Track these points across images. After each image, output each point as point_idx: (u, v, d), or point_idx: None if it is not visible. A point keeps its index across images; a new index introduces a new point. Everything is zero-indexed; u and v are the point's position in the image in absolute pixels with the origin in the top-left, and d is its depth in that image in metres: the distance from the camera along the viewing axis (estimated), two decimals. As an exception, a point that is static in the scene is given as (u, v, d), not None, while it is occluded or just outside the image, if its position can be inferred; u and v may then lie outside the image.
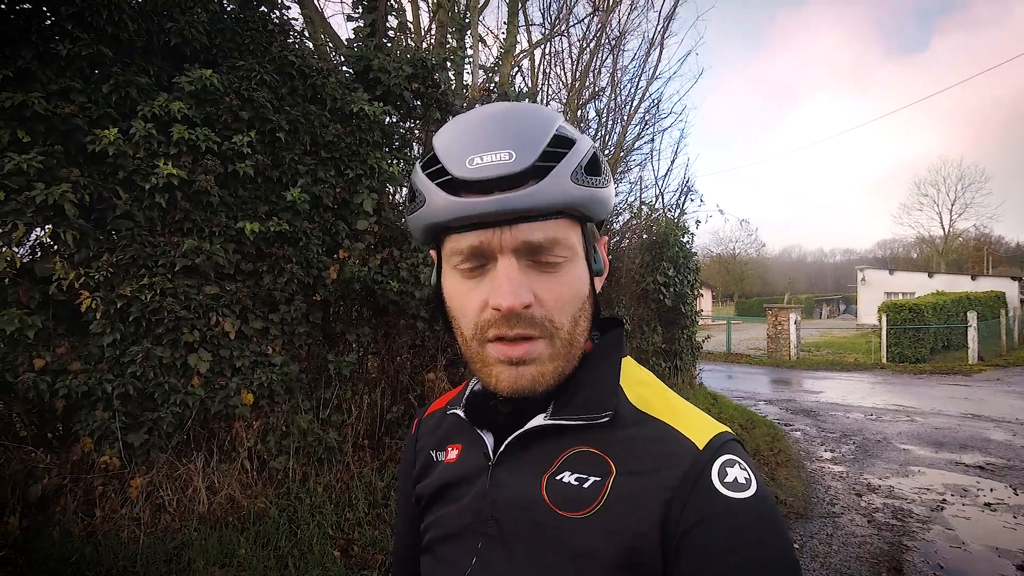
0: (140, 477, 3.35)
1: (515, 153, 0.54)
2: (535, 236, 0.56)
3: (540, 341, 0.58)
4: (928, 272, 28.49)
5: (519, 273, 0.57)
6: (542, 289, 0.58)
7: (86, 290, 3.15)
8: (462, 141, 0.57)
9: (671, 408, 0.62)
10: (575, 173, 0.56)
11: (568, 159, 0.56)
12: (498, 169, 0.54)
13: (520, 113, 0.59)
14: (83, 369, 3.14)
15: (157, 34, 3.46)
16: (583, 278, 0.61)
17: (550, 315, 0.58)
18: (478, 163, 0.54)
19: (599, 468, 0.58)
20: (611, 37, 8.37)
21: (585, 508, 0.56)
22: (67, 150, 3.13)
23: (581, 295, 0.61)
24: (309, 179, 3.88)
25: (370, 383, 4.41)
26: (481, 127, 0.57)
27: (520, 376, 0.58)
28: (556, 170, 0.55)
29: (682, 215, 8.73)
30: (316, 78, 3.95)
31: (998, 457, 6.07)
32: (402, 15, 5.10)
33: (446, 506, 0.68)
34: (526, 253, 0.57)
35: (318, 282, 3.94)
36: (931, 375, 12.61)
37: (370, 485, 4.06)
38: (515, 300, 0.55)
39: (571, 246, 0.59)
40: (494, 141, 0.55)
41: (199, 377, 3.46)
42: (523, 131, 0.56)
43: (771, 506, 0.54)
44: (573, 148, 0.57)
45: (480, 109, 0.61)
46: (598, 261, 0.64)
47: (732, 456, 0.56)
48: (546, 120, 0.58)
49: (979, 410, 8.64)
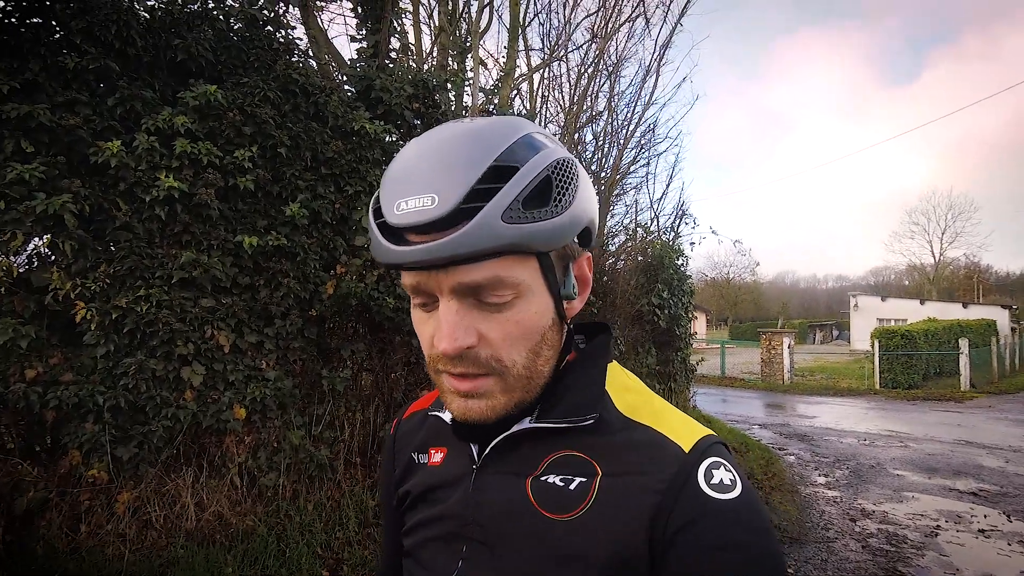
0: (127, 492, 3.30)
1: (437, 197, 0.50)
2: (471, 278, 0.53)
3: (489, 378, 0.57)
4: (920, 299, 28.77)
5: (458, 315, 0.54)
6: (488, 328, 0.55)
7: (82, 300, 3.15)
8: (395, 181, 0.54)
9: (656, 413, 0.61)
10: (508, 211, 0.51)
11: (501, 196, 0.51)
12: (419, 216, 0.50)
13: (457, 144, 0.53)
14: (75, 380, 3.12)
15: (164, 50, 3.52)
16: (540, 310, 0.57)
17: (497, 354, 0.56)
18: (404, 208, 0.51)
19: (584, 470, 0.58)
20: (609, 63, 8.56)
21: (572, 510, 0.56)
22: (69, 161, 3.16)
23: (538, 328, 0.58)
24: (309, 195, 3.91)
25: (363, 400, 4.38)
26: (414, 165, 0.54)
27: (469, 408, 0.58)
28: (484, 211, 0.50)
29: (677, 238, 8.81)
30: (319, 96, 4.01)
31: (991, 484, 6.06)
32: (404, 37, 5.20)
33: (429, 509, 0.68)
34: (467, 293, 0.54)
35: (314, 297, 3.94)
36: (924, 401, 12.63)
37: (361, 503, 4.01)
38: (451, 345, 0.54)
39: (517, 283, 0.55)
40: (420, 183, 0.51)
41: (192, 391, 3.43)
42: (452, 167, 0.51)
43: (757, 507, 0.55)
44: (511, 180, 0.51)
45: (422, 138, 0.57)
46: (567, 285, 0.59)
47: (717, 458, 0.56)
48: (484, 150, 0.52)
49: (972, 437, 8.66)
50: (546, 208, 0.53)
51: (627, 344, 7.48)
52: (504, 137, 0.54)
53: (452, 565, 0.62)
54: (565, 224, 0.54)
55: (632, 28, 8.96)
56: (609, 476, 0.57)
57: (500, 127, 0.56)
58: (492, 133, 0.54)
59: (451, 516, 0.64)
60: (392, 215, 0.52)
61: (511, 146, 0.53)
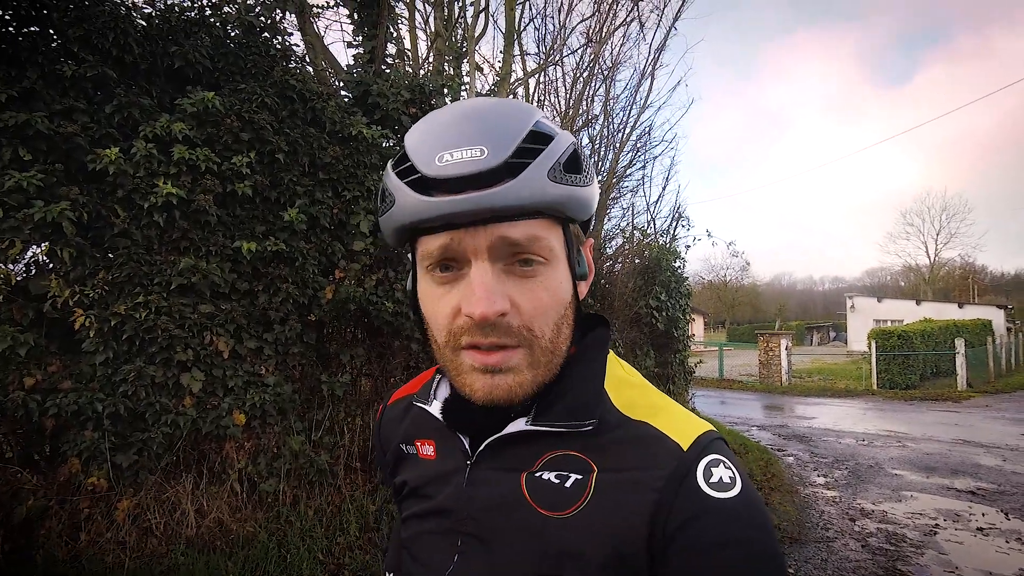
0: (127, 499, 3.29)
1: (487, 149, 0.51)
2: (513, 233, 0.53)
3: (518, 350, 0.55)
4: (916, 300, 28.88)
5: (494, 278, 0.54)
6: (520, 295, 0.55)
7: (80, 308, 3.15)
8: (432, 138, 0.54)
9: (655, 408, 0.61)
10: (552, 170, 0.53)
11: (545, 155, 0.53)
12: (469, 166, 0.51)
13: (494, 108, 0.56)
14: (74, 388, 3.11)
15: (161, 57, 3.53)
16: (565, 283, 0.58)
17: (528, 323, 0.55)
18: (448, 160, 0.51)
19: (580, 467, 0.57)
20: (604, 67, 8.61)
21: (568, 508, 0.56)
22: (67, 168, 3.16)
23: (563, 301, 0.58)
24: (307, 200, 3.92)
25: (363, 404, 4.38)
26: (453, 123, 0.54)
27: (495, 386, 0.56)
28: (532, 167, 0.52)
29: (673, 240, 8.84)
30: (316, 102, 4.02)
31: (989, 482, 6.08)
32: (400, 43, 5.22)
33: (422, 503, 0.67)
34: (502, 255, 0.54)
35: (313, 302, 3.95)
36: (921, 401, 12.67)
37: (362, 509, 4.00)
38: (488, 308, 0.52)
39: (551, 247, 0.56)
40: (465, 137, 0.52)
41: (191, 397, 3.43)
42: (496, 126, 0.53)
43: (756, 504, 0.54)
44: (551, 144, 0.54)
45: (452, 106, 0.58)
46: (582, 264, 0.60)
47: (717, 456, 0.56)
48: (522, 115, 0.55)
49: (969, 436, 8.69)
50: (580, 176, 0.56)
51: (625, 346, 7.49)
52: (531, 112, 0.57)
53: (448, 560, 0.61)
54: (593, 195, 0.58)
55: (627, 32, 9.02)
56: (606, 473, 0.56)
57: (524, 105, 0.59)
58: (521, 107, 0.58)
59: (445, 510, 0.63)
60: (432, 167, 0.52)
61: (539, 120, 0.56)
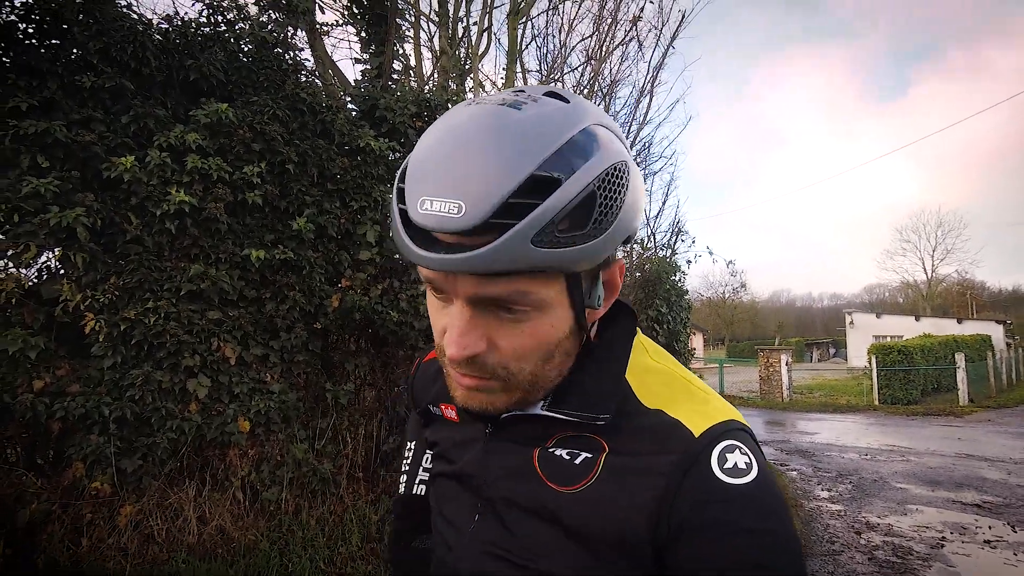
0: (130, 505, 3.29)
1: (464, 206, 0.46)
2: (488, 291, 0.50)
3: (492, 381, 0.56)
4: (915, 316, 28.94)
5: (469, 323, 0.53)
6: (500, 336, 0.54)
7: (91, 312, 3.19)
8: (421, 173, 0.49)
9: (673, 395, 0.60)
10: (542, 233, 0.46)
11: (537, 215, 0.46)
12: (443, 222, 0.46)
13: (496, 142, 0.47)
14: (81, 391, 3.14)
15: (177, 70, 3.62)
16: (557, 325, 0.55)
17: (504, 363, 0.55)
18: (427, 209, 0.47)
19: (591, 446, 0.58)
20: (603, 85, 8.78)
21: (576, 484, 0.57)
22: (83, 176, 3.23)
23: (551, 341, 0.55)
24: (315, 209, 3.98)
25: (367, 413, 4.39)
26: (444, 158, 0.49)
27: (471, 397, 0.58)
28: (514, 232, 0.46)
29: (673, 255, 8.92)
30: (326, 114, 4.11)
31: (994, 495, 6.05)
32: (406, 60, 5.35)
33: (447, 465, 0.71)
34: (482, 302, 0.52)
35: (319, 310, 3.99)
36: (924, 416, 12.62)
37: (364, 518, 3.99)
38: (459, 352, 0.52)
39: (540, 299, 0.52)
40: (445, 185, 0.47)
41: (197, 403, 3.45)
42: (483, 175, 0.46)
43: (772, 491, 0.53)
44: (551, 196, 0.46)
45: (457, 124, 0.51)
46: (594, 296, 0.56)
47: (733, 442, 0.55)
48: (526, 154, 0.47)
49: (973, 450, 8.65)
50: (584, 231, 0.49)
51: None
52: (553, 138, 0.48)
53: (470, 520, 0.64)
54: (603, 245, 0.50)
55: (625, 51, 9.22)
56: (616, 455, 0.57)
57: (551, 123, 0.49)
58: (539, 132, 0.48)
59: (466, 475, 0.66)
60: (416, 212, 0.48)
61: (559, 150, 0.48)
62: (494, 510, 0.62)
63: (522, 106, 0.50)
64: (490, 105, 0.50)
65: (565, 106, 0.52)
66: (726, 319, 46.23)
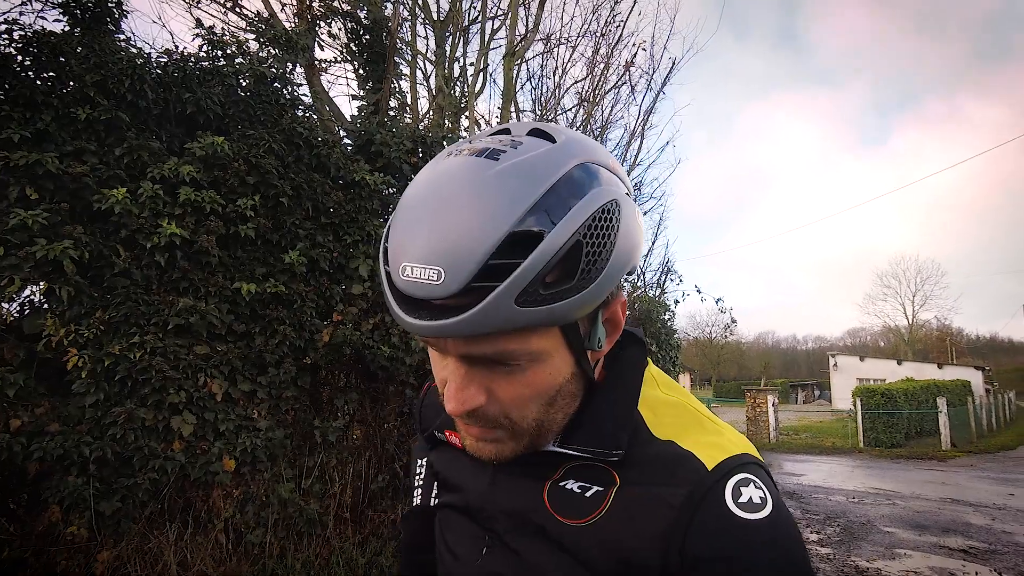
0: (107, 551, 3.14)
1: (443, 272, 0.44)
2: (479, 350, 0.50)
3: (497, 430, 0.55)
4: (897, 360, 29.28)
5: (465, 376, 0.52)
6: (498, 387, 0.53)
7: (75, 347, 3.09)
8: (400, 236, 0.48)
9: (685, 427, 0.59)
10: (526, 293, 0.45)
11: (517, 277, 0.44)
12: (423, 290, 0.45)
13: (472, 199, 0.46)
14: (61, 430, 3.02)
15: (174, 103, 3.63)
16: (556, 372, 0.54)
17: (506, 412, 0.54)
18: (408, 275, 0.46)
19: (603, 479, 0.57)
20: (595, 127, 8.97)
21: (585, 516, 0.56)
22: (73, 208, 3.18)
23: (552, 387, 0.54)
24: (308, 243, 3.96)
25: (355, 451, 4.28)
26: (419, 220, 0.47)
27: (480, 448, 0.57)
28: (495, 295, 0.44)
29: (663, 294, 8.99)
30: (321, 148, 4.13)
31: (980, 541, 6.04)
32: (403, 97, 5.43)
33: (452, 493, 0.69)
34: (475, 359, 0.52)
35: (309, 345, 3.92)
36: (907, 460, 12.66)
37: (351, 561, 3.85)
38: (457, 408, 0.52)
39: (532, 352, 0.51)
40: (424, 250, 0.46)
41: (181, 441, 3.34)
42: (460, 237, 0.45)
43: (787, 528, 0.52)
44: (532, 254, 0.44)
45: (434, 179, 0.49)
46: (593, 338, 0.54)
47: (747, 476, 0.54)
48: (503, 207, 0.45)
49: (957, 495, 8.66)
50: (572, 284, 0.47)
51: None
52: (533, 188, 0.46)
53: (477, 553, 0.63)
54: (595, 292, 0.48)
55: (617, 95, 9.47)
56: (628, 486, 0.56)
57: (532, 172, 0.47)
58: (518, 182, 0.46)
59: (473, 507, 0.65)
60: (398, 278, 0.47)
61: (539, 201, 0.46)
62: (502, 542, 0.61)
63: (500, 155, 0.48)
64: (468, 158, 0.48)
65: (550, 148, 0.50)
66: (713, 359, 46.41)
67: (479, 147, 0.49)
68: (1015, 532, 6.38)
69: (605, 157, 0.54)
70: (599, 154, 0.53)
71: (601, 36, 8.59)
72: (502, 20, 7.93)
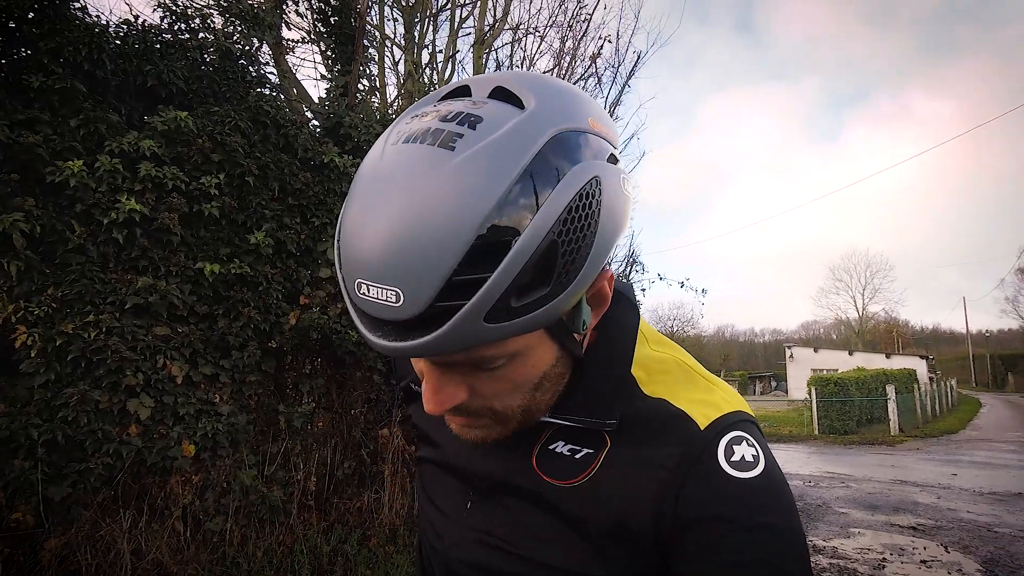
0: (55, 538, 3.00)
1: (402, 294, 0.40)
2: (451, 359, 0.48)
3: (483, 418, 0.54)
4: (848, 351, 30.53)
5: (440, 378, 0.50)
6: (478, 383, 0.51)
7: (24, 325, 2.94)
8: (353, 236, 0.43)
9: (677, 385, 0.58)
10: (496, 309, 0.41)
11: (485, 293, 0.40)
12: (381, 311, 0.41)
13: (430, 205, 0.40)
14: (7, 412, 2.87)
15: (134, 75, 3.48)
16: (539, 362, 0.51)
17: (489, 404, 0.52)
18: (364, 294, 0.42)
19: (594, 441, 0.56)
20: (563, 118, 8.99)
21: (575, 477, 0.55)
22: (24, 179, 3.02)
23: (534, 377, 0.52)
24: (274, 224, 3.86)
25: (320, 438, 4.21)
26: (370, 227, 0.41)
27: (466, 433, 0.56)
28: (462, 314, 0.40)
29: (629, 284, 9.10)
30: (289, 129, 4.04)
31: (927, 518, 6.36)
32: (372, 80, 5.34)
33: (434, 449, 0.69)
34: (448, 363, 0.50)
35: (275, 328, 3.83)
36: (859, 445, 13.22)
37: (315, 549, 3.78)
38: (435, 409, 0.50)
39: (511, 352, 0.48)
40: (378, 267, 0.40)
41: (137, 425, 3.22)
42: (416, 256, 0.39)
43: (779, 485, 0.51)
44: (501, 265, 0.40)
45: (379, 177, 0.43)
46: (577, 321, 0.51)
47: (740, 433, 0.53)
48: (466, 209, 0.39)
49: (905, 476, 9.10)
50: (548, 290, 0.43)
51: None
52: (498, 179, 0.40)
53: (461, 509, 0.63)
54: (574, 290, 0.44)
55: (584, 87, 9.52)
56: (619, 448, 0.55)
57: (495, 158, 0.41)
58: (480, 179, 0.40)
59: (456, 466, 0.65)
60: (355, 294, 0.43)
61: (505, 197, 0.40)
62: (487, 498, 0.61)
63: (457, 142, 0.41)
64: (422, 148, 0.42)
65: (516, 122, 0.43)
66: (673, 351, 47.22)
67: (434, 128, 0.42)
68: (959, 509, 6.75)
69: (583, 113, 0.47)
70: (576, 112, 0.47)
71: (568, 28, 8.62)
72: (471, 8, 7.90)
